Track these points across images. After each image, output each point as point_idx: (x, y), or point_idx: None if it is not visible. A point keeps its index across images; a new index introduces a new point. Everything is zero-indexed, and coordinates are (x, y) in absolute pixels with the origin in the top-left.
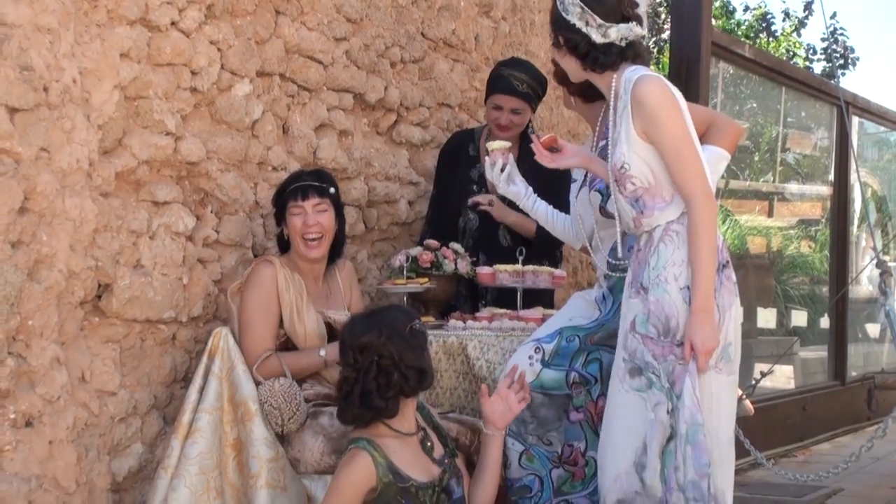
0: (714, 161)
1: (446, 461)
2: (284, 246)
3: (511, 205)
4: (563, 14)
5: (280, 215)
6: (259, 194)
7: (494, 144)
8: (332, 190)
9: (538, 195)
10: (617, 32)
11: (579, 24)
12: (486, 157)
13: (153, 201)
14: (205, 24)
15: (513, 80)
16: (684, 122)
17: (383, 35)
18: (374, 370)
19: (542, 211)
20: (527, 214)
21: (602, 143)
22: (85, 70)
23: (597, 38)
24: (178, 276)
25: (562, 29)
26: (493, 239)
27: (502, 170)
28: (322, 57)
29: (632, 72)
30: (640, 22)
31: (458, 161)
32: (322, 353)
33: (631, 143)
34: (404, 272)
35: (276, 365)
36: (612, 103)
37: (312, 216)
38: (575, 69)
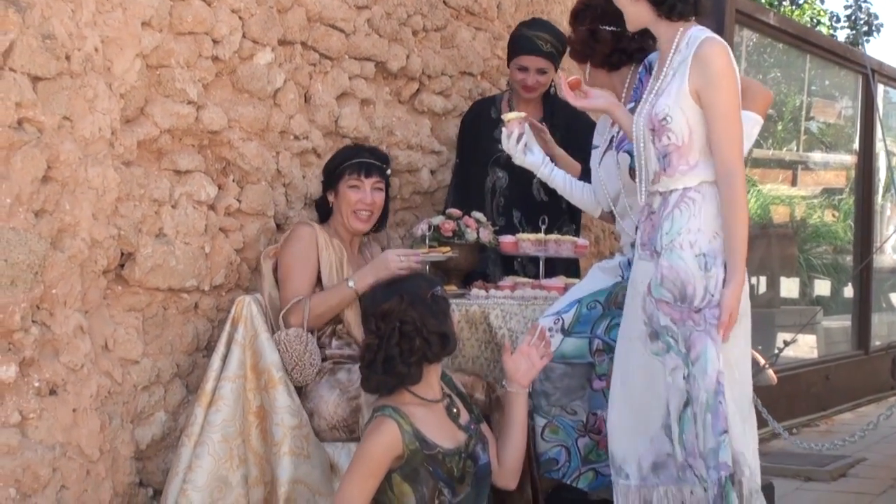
0: (750, 125)
1: (472, 427)
2: (325, 213)
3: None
4: None
5: (330, 183)
6: (281, 163)
7: (509, 115)
8: (388, 171)
9: (565, 149)
10: None
11: None
12: (503, 129)
13: (175, 170)
14: None
15: (536, 41)
16: (738, 94)
17: (405, 3)
18: (396, 336)
19: (559, 179)
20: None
21: (630, 104)
22: (107, 39)
23: None
24: (201, 245)
25: None
26: (526, 194)
27: (518, 140)
28: (344, 25)
29: (699, 30)
30: None
31: (480, 126)
32: (351, 283)
33: (680, 98)
34: (426, 241)
35: (300, 312)
36: (670, 55)
37: (370, 194)
38: (643, 15)
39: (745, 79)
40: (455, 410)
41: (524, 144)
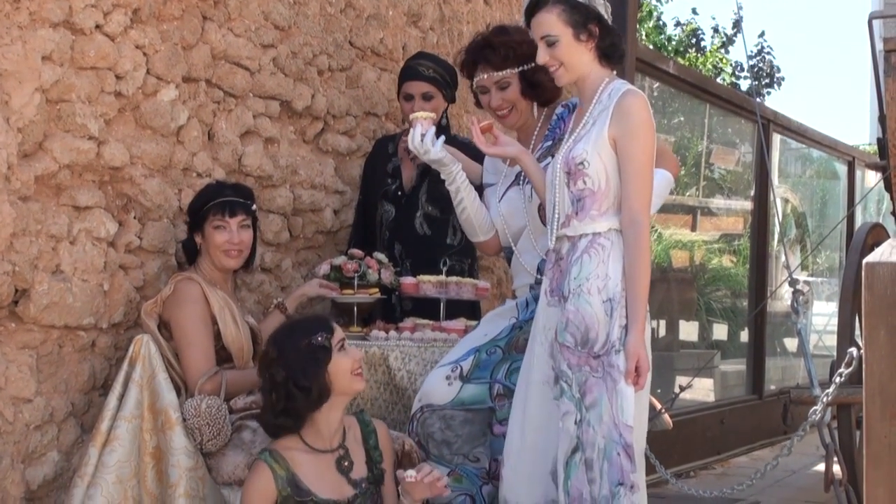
0: (665, 184)
1: (363, 486)
2: (192, 253)
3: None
4: (593, 4)
5: (197, 224)
6: (183, 201)
7: (419, 114)
8: (253, 207)
9: None
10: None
11: (607, 17)
12: (411, 128)
13: (74, 206)
14: (130, 28)
15: (418, 67)
16: (654, 147)
17: (311, 43)
18: (268, 386)
19: (463, 183)
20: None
21: (547, 143)
22: (5, 72)
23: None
24: (99, 283)
25: (592, 19)
26: (409, 227)
27: (423, 138)
28: (249, 63)
29: (621, 83)
30: None
31: (377, 162)
32: None
33: (598, 144)
34: (354, 282)
35: (218, 383)
36: (591, 105)
37: (237, 234)
38: (587, 64)
39: (658, 143)
40: (346, 464)
41: (430, 139)
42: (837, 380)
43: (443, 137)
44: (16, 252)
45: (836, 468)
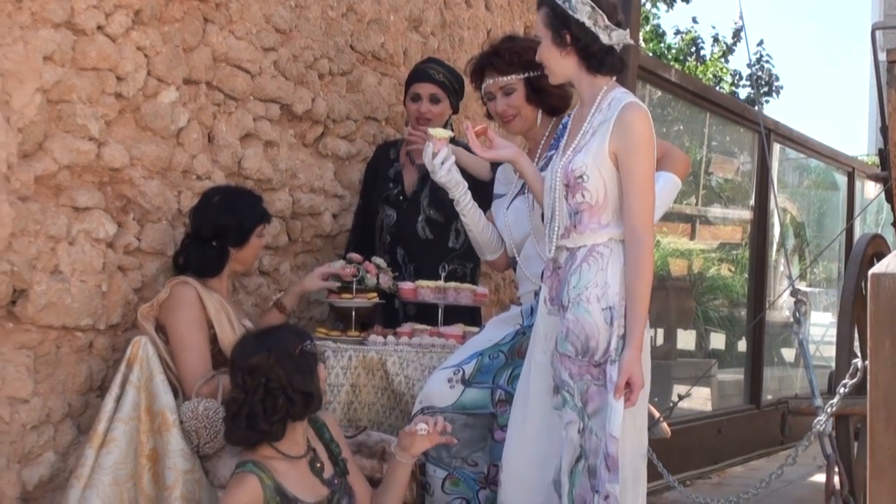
0: (670, 188)
1: (336, 481)
2: (219, 266)
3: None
4: (571, 12)
5: (244, 237)
6: (182, 203)
7: (437, 131)
8: None
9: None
10: (617, 37)
11: (588, 23)
12: (428, 144)
13: (73, 207)
14: (132, 30)
15: (429, 70)
16: (654, 161)
17: (312, 46)
18: (260, 393)
19: (471, 206)
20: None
21: (551, 153)
22: (6, 72)
23: (604, 39)
24: (97, 284)
25: (570, 26)
26: (411, 231)
27: (441, 159)
28: (250, 66)
29: (622, 93)
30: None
31: (379, 167)
32: None
33: (597, 158)
34: (353, 287)
35: (215, 387)
36: (590, 113)
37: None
38: (569, 69)
39: (665, 143)
40: (318, 465)
41: (442, 161)
42: (842, 390)
43: (452, 160)
44: (14, 252)
45: (836, 479)
